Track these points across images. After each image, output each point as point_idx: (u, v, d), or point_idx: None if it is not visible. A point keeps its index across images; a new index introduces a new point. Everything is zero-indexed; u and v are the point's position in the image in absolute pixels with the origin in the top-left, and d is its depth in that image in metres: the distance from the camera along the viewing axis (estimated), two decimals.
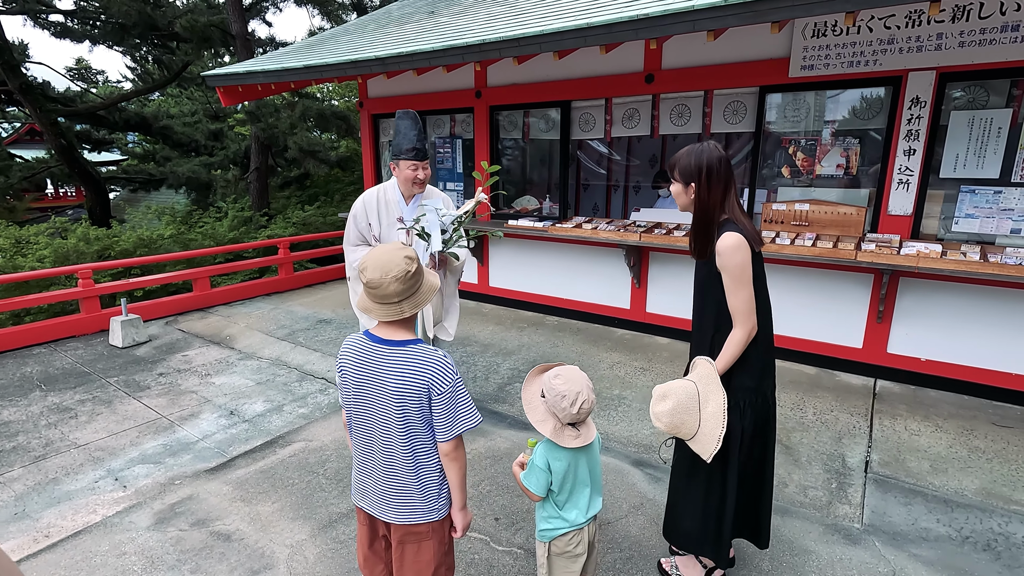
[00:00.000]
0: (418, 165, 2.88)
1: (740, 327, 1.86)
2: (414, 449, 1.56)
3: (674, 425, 1.86)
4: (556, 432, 1.72)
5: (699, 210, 1.90)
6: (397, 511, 1.60)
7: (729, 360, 1.89)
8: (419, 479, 1.58)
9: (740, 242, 1.81)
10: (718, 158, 1.86)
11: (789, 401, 3.79)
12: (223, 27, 11.56)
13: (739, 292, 1.84)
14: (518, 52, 3.85)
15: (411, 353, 1.51)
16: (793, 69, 4.02)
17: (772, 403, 2.04)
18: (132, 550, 2.45)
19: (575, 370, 1.75)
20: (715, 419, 1.81)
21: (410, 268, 1.48)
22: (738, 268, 1.82)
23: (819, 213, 4.16)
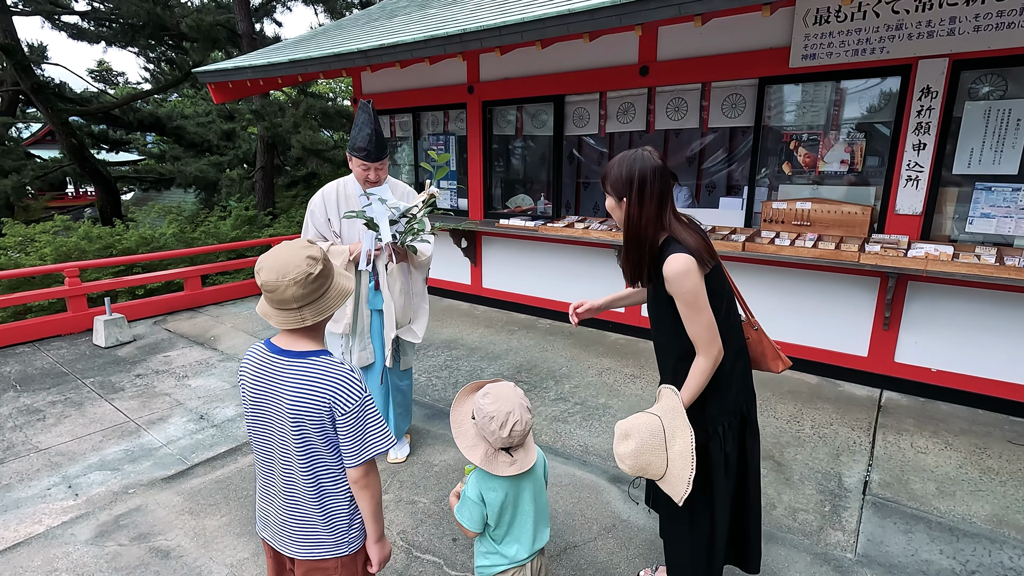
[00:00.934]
0: (369, 166, 2.70)
1: (703, 355, 1.64)
2: (316, 475, 1.38)
3: (639, 467, 1.64)
4: (488, 459, 1.53)
5: (629, 229, 1.67)
6: (299, 545, 1.42)
7: (695, 391, 1.67)
8: (324, 509, 1.40)
9: (687, 265, 1.58)
10: (652, 168, 1.61)
11: (786, 413, 3.55)
12: (229, 26, 11.56)
13: (696, 318, 1.61)
14: (499, 42, 3.66)
15: (311, 367, 1.32)
16: (794, 59, 3.77)
17: (752, 417, 1.83)
18: (64, 566, 2.31)
19: (507, 387, 1.56)
20: (683, 459, 1.59)
21: (312, 270, 1.28)
22: (691, 294, 1.59)
23: (822, 212, 3.90)
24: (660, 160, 1.63)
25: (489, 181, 5.79)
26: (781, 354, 1.89)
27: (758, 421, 1.91)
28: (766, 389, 3.86)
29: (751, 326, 1.87)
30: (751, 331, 1.87)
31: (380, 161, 2.70)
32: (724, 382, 1.71)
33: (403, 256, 2.68)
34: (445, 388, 4.03)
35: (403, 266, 2.80)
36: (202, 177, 12.88)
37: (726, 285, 1.79)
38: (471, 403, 1.61)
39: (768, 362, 1.88)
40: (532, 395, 3.86)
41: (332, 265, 1.37)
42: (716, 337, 1.63)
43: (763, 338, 1.87)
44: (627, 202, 1.64)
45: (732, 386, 1.74)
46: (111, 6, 13.36)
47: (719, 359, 1.65)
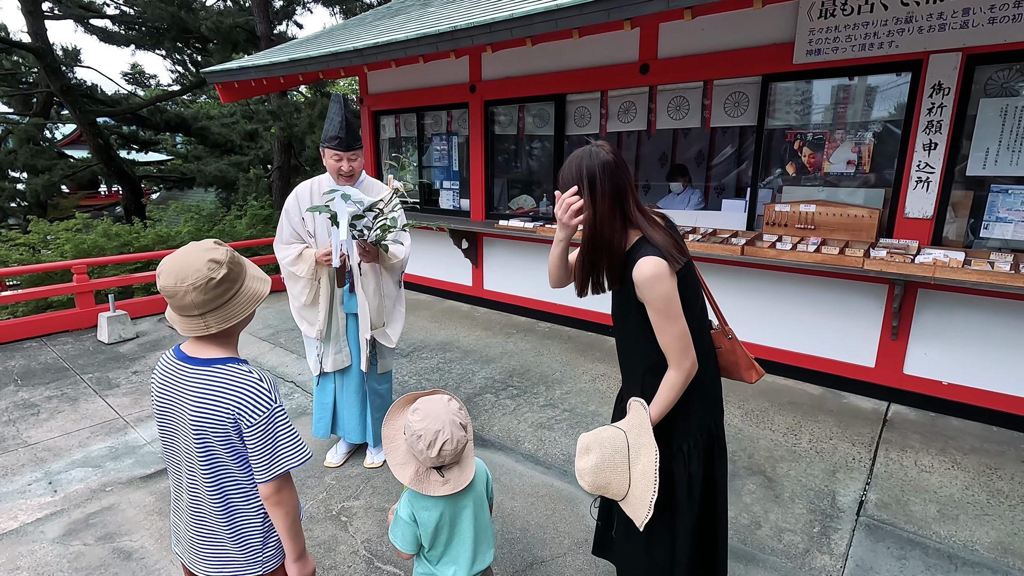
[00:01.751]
0: (342, 156, 2.64)
1: (676, 368, 1.51)
2: (224, 490, 1.30)
3: (599, 485, 1.52)
4: (419, 479, 1.45)
5: (585, 231, 1.55)
6: (208, 563, 1.35)
7: (665, 407, 1.54)
8: (233, 526, 1.32)
9: (659, 269, 1.44)
10: (601, 163, 1.49)
11: (783, 425, 3.38)
12: (248, 28, 11.74)
13: (669, 328, 1.48)
14: (490, 39, 3.58)
15: (215, 375, 1.25)
16: (798, 55, 3.60)
17: (720, 434, 1.70)
18: (27, 564, 2.31)
19: (439, 402, 1.47)
20: (646, 479, 1.47)
21: (214, 275, 1.20)
22: (663, 300, 1.46)
23: (827, 215, 3.72)
24: (612, 154, 1.52)
25: (491, 181, 5.71)
26: (755, 363, 1.76)
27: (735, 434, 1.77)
28: (764, 399, 3.70)
29: (724, 334, 1.75)
30: (723, 339, 1.74)
31: (353, 151, 2.64)
32: (692, 396, 1.58)
33: (372, 256, 2.61)
34: None
35: (375, 266, 2.74)
36: (221, 177, 13.11)
37: (699, 289, 1.67)
38: (403, 418, 1.53)
39: (741, 371, 1.75)
40: (520, 400, 3.77)
41: (243, 268, 1.29)
42: (690, 348, 1.50)
43: (736, 346, 1.74)
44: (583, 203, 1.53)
45: (700, 401, 1.61)
46: (138, 10, 13.72)
47: (692, 372, 1.52)
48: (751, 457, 3.06)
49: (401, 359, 4.55)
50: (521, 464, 3.06)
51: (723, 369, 1.77)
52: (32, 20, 12.23)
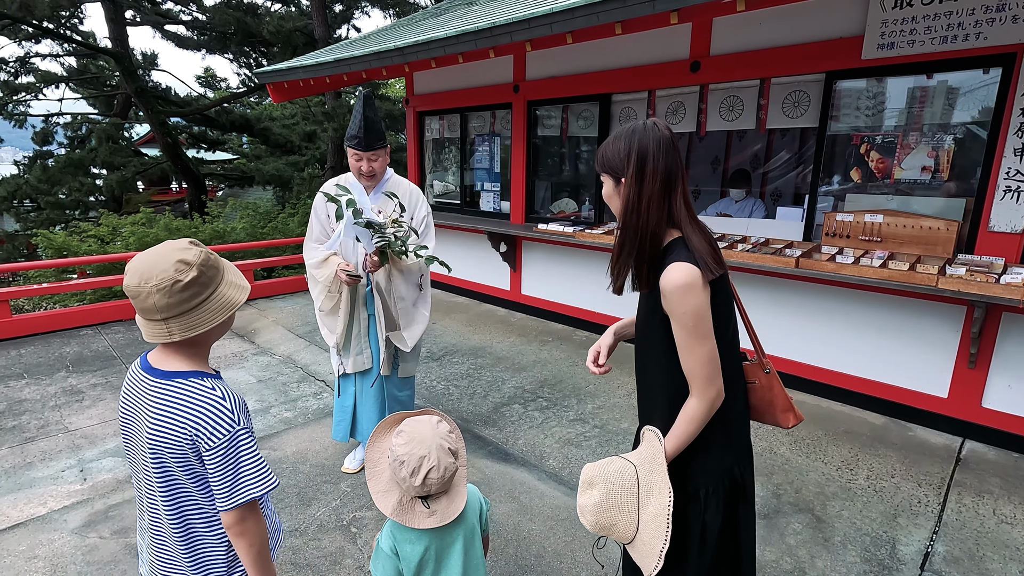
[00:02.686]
0: (362, 156, 2.55)
1: (699, 397, 1.29)
2: (183, 515, 1.20)
3: (602, 525, 1.33)
4: (401, 509, 1.31)
5: (626, 215, 1.34)
6: None
7: (683, 441, 1.33)
8: (193, 554, 1.22)
9: (692, 278, 1.23)
10: (657, 139, 1.28)
11: (837, 457, 3.06)
12: (307, 32, 12.10)
13: (696, 348, 1.27)
14: (529, 35, 3.44)
15: (175, 390, 1.14)
16: (868, 49, 3.27)
17: (747, 481, 1.45)
18: (44, 554, 2.34)
19: (427, 425, 1.33)
20: (656, 524, 1.28)
21: (181, 277, 1.09)
22: (692, 316, 1.25)
23: (896, 227, 3.36)
24: (669, 132, 1.32)
25: (532, 184, 5.57)
26: (794, 406, 1.51)
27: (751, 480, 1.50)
28: (817, 427, 3.37)
29: (761, 367, 1.51)
30: (760, 373, 1.50)
31: (373, 151, 2.55)
32: (714, 433, 1.36)
33: (375, 266, 2.50)
34: (461, 399, 3.85)
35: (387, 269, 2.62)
36: (278, 176, 13.57)
37: (733, 309, 1.45)
38: (389, 440, 1.40)
39: (777, 413, 1.50)
40: (550, 413, 3.60)
41: (218, 272, 1.18)
42: (717, 375, 1.29)
43: (775, 383, 1.50)
44: (624, 182, 1.33)
45: (724, 439, 1.39)
46: (208, 15, 14.44)
47: (718, 404, 1.30)
48: (798, 492, 2.77)
49: (431, 363, 4.47)
50: (544, 483, 2.89)
51: (754, 409, 1.53)
52: (114, 27, 13.06)
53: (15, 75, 14.20)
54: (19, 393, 4.00)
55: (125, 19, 13.62)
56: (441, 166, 6.81)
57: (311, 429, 3.46)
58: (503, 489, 2.81)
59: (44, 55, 14.52)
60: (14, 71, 14.12)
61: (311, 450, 3.19)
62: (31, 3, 11.37)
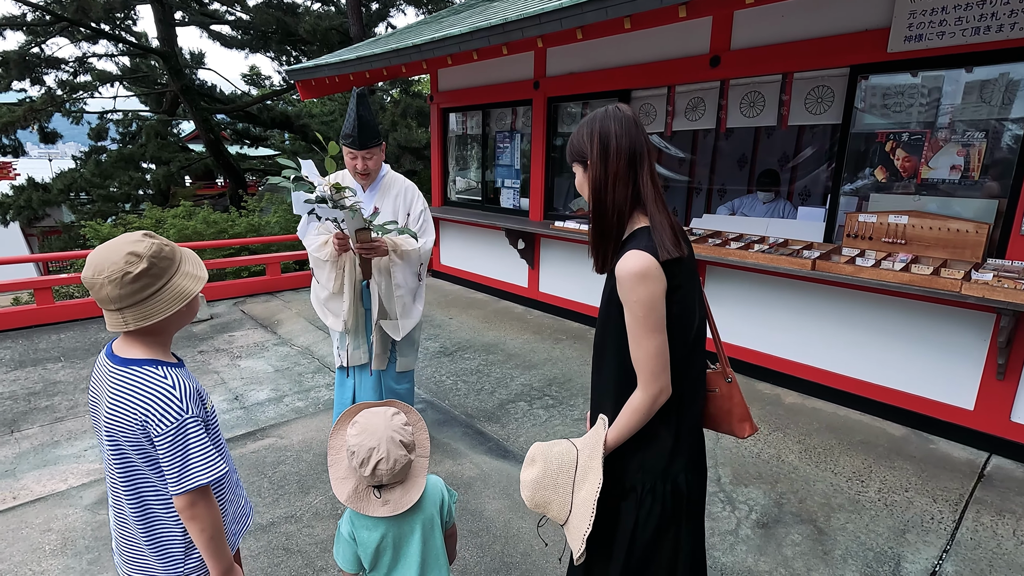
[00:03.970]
0: (357, 154, 2.58)
1: (643, 390, 1.26)
2: (141, 496, 1.25)
3: (537, 503, 1.34)
4: (357, 496, 1.33)
5: (594, 202, 1.32)
6: (129, 567, 1.31)
7: (625, 433, 1.30)
8: (150, 533, 1.27)
9: (646, 267, 1.21)
10: (619, 120, 1.27)
11: (849, 468, 2.94)
12: (343, 30, 12.34)
13: (644, 341, 1.24)
14: (540, 30, 3.41)
15: (131, 377, 1.19)
16: (894, 42, 3.12)
17: (692, 491, 1.37)
18: (57, 527, 2.47)
19: (379, 416, 1.34)
20: (584, 509, 1.26)
21: (131, 269, 1.13)
22: (642, 306, 1.22)
23: (922, 229, 3.20)
24: (630, 112, 1.31)
25: (551, 181, 5.54)
26: (751, 416, 1.47)
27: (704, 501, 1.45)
28: (831, 435, 3.25)
29: (723, 376, 1.46)
30: (721, 381, 1.46)
31: (367, 149, 2.58)
32: (657, 433, 1.32)
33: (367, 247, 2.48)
34: (467, 394, 3.87)
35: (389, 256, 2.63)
36: None
37: (700, 308, 1.38)
38: None
39: (734, 423, 1.46)
40: (555, 412, 3.58)
41: (172, 263, 1.21)
42: (664, 371, 1.26)
43: (735, 393, 1.46)
44: (590, 164, 1.31)
45: (668, 442, 1.33)
46: (251, 16, 14.89)
47: (661, 400, 1.27)
48: (802, 502, 2.68)
49: (443, 358, 4.51)
50: None
51: (711, 418, 1.49)
52: (162, 27, 13.61)
53: (74, 74, 14.98)
54: (55, 375, 4.23)
55: (173, 20, 14.19)
56: (463, 162, 6.85)
57: (319, 419, 3.54)
58: (498, 485, 2.82)
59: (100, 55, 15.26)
60: (73, 71, 14.90)
61: (316, 440, 3.27)
62: (87, 6, 11.98)
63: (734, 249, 3.69)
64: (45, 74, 13.97)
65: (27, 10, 12.56)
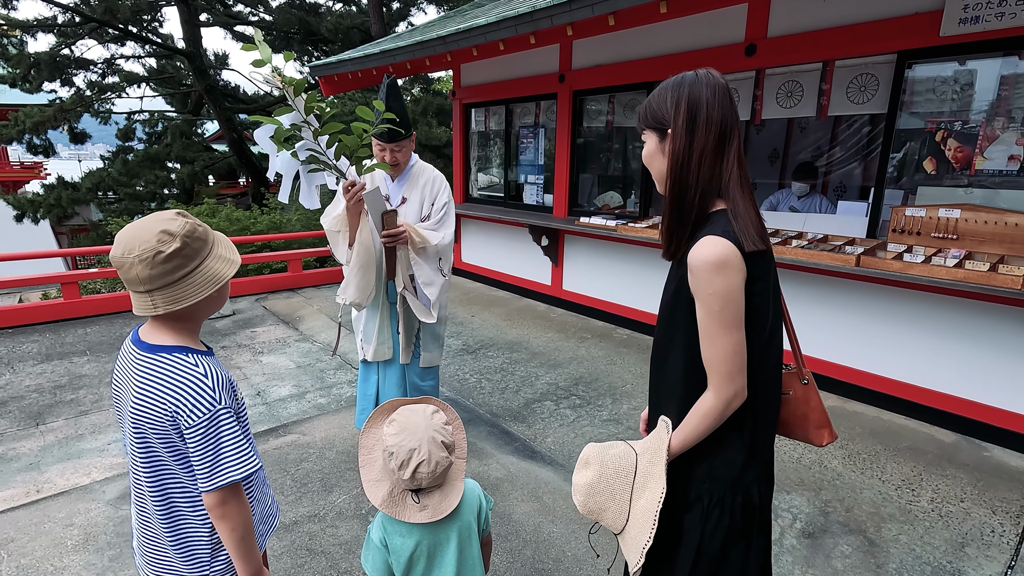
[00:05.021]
0: (386, 147, 2.50)
1: (715, 393, 1.12)
2: (167, 493, 1.16)
3: (591, 509, 1.23)
4: (391, 501, 1.24)
5: (674, 178, 1.15)
6: (151, 567, 1.23)
7: (692, 439, 1.17)
8: (175, 533, 1.18)
9: (725, 255, 1.06)
10: (712, 87, 1.11)
11: (897, 476, 2.78)
12: (364, 29, 12.36)
13: (720, 338, 1.10)
14: (570, 18, 3.30)
15: (160, 364, 1.10)
16: (947, 25, 2.95)
17: (763, 503, 1.24)
18: (80, 522, 2.43)
19: (419, 414, 1.24)
20: (644, 520, 1.15)
21: (164, 248, 1.05)
22: (719, 298, 1.07)
23: (976, 223, 3.02)
24: (723, 80, 1.14)
25: (576, 176, 5.42)
26: (830, 422, 1.33)
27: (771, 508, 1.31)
28: (875, 440, 3.08)
29: (799, 377, 1.33)
30: (796, 383, 1.32)
31: (397, 142, 2.50)
32: (728, 440, 1.18)
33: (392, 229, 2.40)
34: (492, 392, 3.78)
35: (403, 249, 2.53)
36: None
37: (777, 304, 1.23)
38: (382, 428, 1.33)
39: (811, 429, 1.32)
40: (582, 412, 3.47)
41: (205, 244, 1.13)
42: (740, 373, 1.12)
43: (812, 396, 1.31)
44: (672, 134, 1.14)
45: (741, 451, 1.20)
46: (274, 16, 15.02)
47: (735, 404, 1.13)
48: (849, 511, 2.53)
49: (466, 356, 4.42)
50: (570, 484, 2.76)
51: (785, 423, 1.35)
52: (188, 29, 13.79)
53: (102, 75, 15.25)
54: (80, 369, 4.24)
55: (198, 21, 14.37)
56: (486, 158, 6.76)
57: (342, 416, 3.48)
58: (526, 487, 2.72)
59: (128, 57, 15.52)
60: (101, 72, 15.18)
61: (339, 437, 3.20)
62: (115, 7, 12.18)
63: (772, 244, 3.53)
64: (74, 75, 14.26)
65: (58, 12, 12.81)
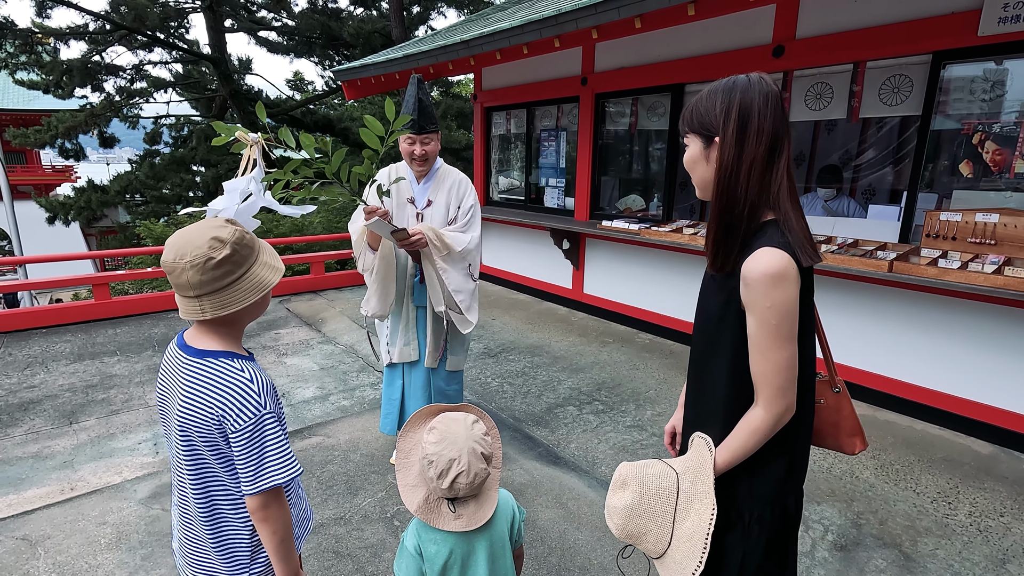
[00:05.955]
0: (415, 139, 2.50)
1: (766, 408, 1.10)
2: (210, 495, 1.18)
3: (630, 533, 1.19)
4: (426, 507, 1.23)
5: (721, 189, 1.11)
6: (192, 568, 1.25)
7: (740, 455, 1.14)
8: (217, 534, 1.20)
9: (785, 268, 1.04)
10: (765, 95, 1.07)
11: (933, 488, 2.70)
12: (385, 34, 12.47)
13: (774, 352, 1.07)
14: (596, 20, 3.29)
15: (205, 369, 1.13)
16: (986, 24, 2.87)
17: (796, 512, 1.25)
18: (113, 520, 2.48)
19: (460, 424, 1.24)
20: (693, 543, 1.13)
21: (215, 254, 1.08)
22: (776, 312, 1.05)
23: (1016, 228, 2.93)
24: (777, 88, 1.10)
25: (598, 179, 5.39)
26: (863, 430, 1.30)
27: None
28: (909, 451, 3.00)
29: (831, 385, 1.30)
30: (828, 391, 1.30)
31: (426, 134, 2.50)
32: (773, 454, 1.16)
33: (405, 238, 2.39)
34: (514, 397, 3.77)
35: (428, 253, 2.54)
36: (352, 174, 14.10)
37: (815, 316, 1.23)
38: (422, 433, 1.32)
39: (843, 438, 1.30)
40: (605, 417, 3.44)
41: (253, 252, 1.15)
42: (792, 387, 1.10)
43: (844, 404, 1.29)
44: (720, 143, 1.10)
45: (782, 463, 1.18)
46: (297, 21, 15.26)
47: (785, 419, 1.11)
48: (883, 523, 2.46)
49: (487, 359, 4.42)
50: (595, 491, 2.74)
51: (816, 431, 1.32)
52: (213, 34, 14.07)
53: (131, 81, 15.63)
54: (111, 369, 4.34)
55: (223, 27, 14.65)
56: (506, 162, 6.77)
57: (365, 418, 3.50)
58: (551, 493, 2.70)
59: (155, 62, 15.88)
60: (130, 77, 15.55)
61: (363, 439, 3.22)
62: (144, 14, 12.48)
63: None
64: (105, 81, 14.63)
65: (89, 19, 13.16)
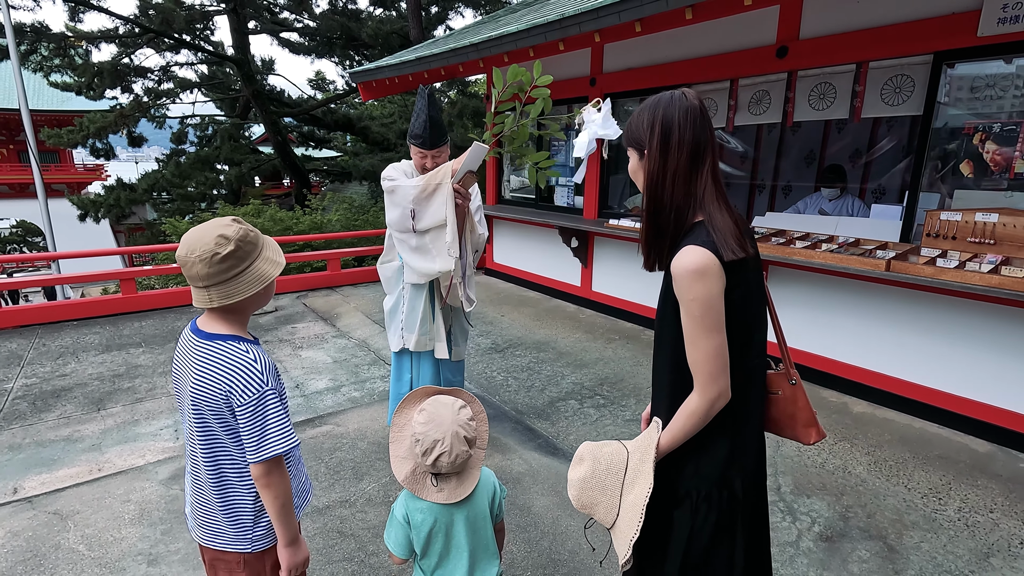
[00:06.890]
0: (426, 154, 2.62)
1: (699, 393, 1.20)
2: (219, 463, 1.33)
3: (584, 503, 1.32)
4: (413, 479, 1.36)
5: (649, 196, 1.26)
6: (202, 530, 1.41)
7: (679, 438, 1.25)
8: (224, 500, 1.35)
9: (703, 263, 1.14)
10: (683, 109, 1.20)
11: (924, 484, 2.74)
12: (403, 34, 12.65)
13: (702, 341, 1.17)
14: (597, 24, 3.37)
15: (215, 350, 1.28)
16: (986, 25, 2.88)
17: (747, 500, 1.29)
18: (136, 499, 2.66)
19: (447, 407, 1.35)
20: (632, 513, 1.23)
21: (220, 250, 1.22)
22: (699, 304, 1.16)
23: (1015, 228, 2.94)
24: (697, 101, 1.22)
25: (606, 179, 5.47)
26: (817, 421, 1.38)
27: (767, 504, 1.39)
28: (904, 447, 3.04)
29: (787, 378, 1.38)
30: (784, 384, 1.38)
31: (436, 148, 2.63)
32: (713, 438, 1.25)
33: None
34: (518, 391, 3.88)
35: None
36: (372, 171, 14.32)
37: (762, 307, 1.33)
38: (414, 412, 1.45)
39: (798, 428, 1.37)
40: (605, 411, 3.53)
41: (255, 248, 1.30)
42: (723, 373, 1.19)
43: (799, 396, 1.37)
44: (647, 155, 1.25)
45: (724, 448, 1.26)
46: (317, 22, 15.54)
47: (719, 404, 1.20)
48: (871, 517, 2.52)
49: (494, 354, 4.54)
50: None
51: (774, 422, 1.40)
52: (237, 36, 14.42)
53: (158, 82, 16.10)
54: (136, 360, 4.56)
55: (247, 29, 15.00)
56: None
57: (374, 409, 3.64)
58: (547, 482, 2.81)
59: (182, 64, 16.33)
60: (157, 79, 16.02)
61: (371, 428, 3.36)
62: (171, 18, 12.86)
63: (800, 248, 3.52)
64: (133, 82, 15.09)
65: (119, 23, 13.60)
